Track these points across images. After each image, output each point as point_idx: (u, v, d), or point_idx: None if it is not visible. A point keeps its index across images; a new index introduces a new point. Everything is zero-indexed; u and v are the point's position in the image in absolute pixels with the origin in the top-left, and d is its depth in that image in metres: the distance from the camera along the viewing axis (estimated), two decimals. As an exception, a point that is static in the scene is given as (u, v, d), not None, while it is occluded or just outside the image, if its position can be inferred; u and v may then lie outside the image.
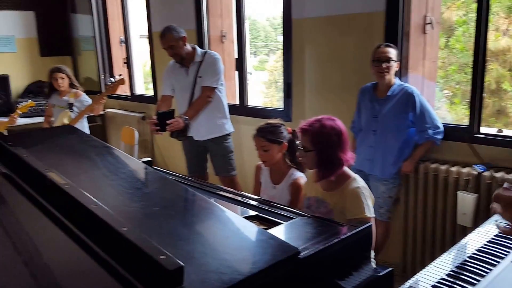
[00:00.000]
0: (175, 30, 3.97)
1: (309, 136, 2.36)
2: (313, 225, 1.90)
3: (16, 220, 1.85)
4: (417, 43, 3.54)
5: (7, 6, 6.61)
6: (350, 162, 2.40)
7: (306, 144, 2.38)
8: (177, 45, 3.97)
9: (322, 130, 2.33)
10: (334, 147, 2.33)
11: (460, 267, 1.78)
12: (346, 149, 2.37)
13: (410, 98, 3.20)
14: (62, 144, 2.55)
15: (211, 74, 4.02)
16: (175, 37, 3.95)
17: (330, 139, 2.32)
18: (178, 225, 1.63)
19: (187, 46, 4.05)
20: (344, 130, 2.37)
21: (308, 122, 2.38)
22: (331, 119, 2.37)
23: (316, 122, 2.36)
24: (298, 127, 2.44)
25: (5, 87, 6.50)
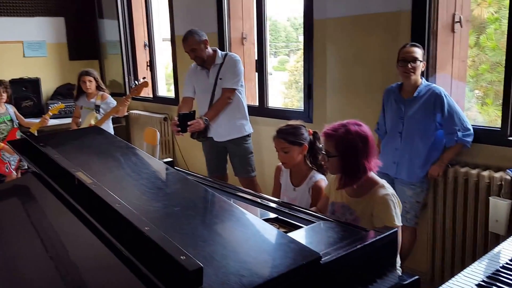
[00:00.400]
0: (197, 33, 3.97)
1: (333, 141, 2.26)
2: (335, 230, 1.84)
3: (45, 217, 1.89)
4: (445, 42, 3.40)
5: (39, 13, 6.76)
6: (373, 171, 2.30)
7: (330, 149, 2.28)
8: (199, 48, 3.96)
9: (347, 136, 2.22)
10: (358, 154, 2.23)
11: (492, 277, 1.66)
12: (372, 156, 2.27)
13: (438, 99, 3.06)
14: (89, 145, 2.59)
15: (231, 76, 4.00)
16: (197, 40, 3.95)
17: (355, 146, 2.22)
18: (199, 225, 1.62)
19: (209, 49, 4.05)
20: (370, 136, 2.26)
21: (332, 127, 2.29)
22: (357, 124, 2.26)
23: (341, 127, 2.25)
24: (322, 131, 2.34)
25: (36, 89, 6.64)
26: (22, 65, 6.69)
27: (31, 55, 6.79)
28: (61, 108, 5.50)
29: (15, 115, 5.37)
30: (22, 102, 6.44)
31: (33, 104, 6.55)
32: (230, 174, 4.37)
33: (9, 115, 5.25)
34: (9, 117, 5.25)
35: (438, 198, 3.31)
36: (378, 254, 1.70)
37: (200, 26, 5.02)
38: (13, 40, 6.62)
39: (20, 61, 6.70)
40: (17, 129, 5.25)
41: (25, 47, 6.73)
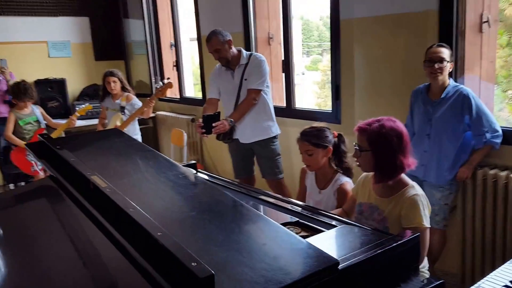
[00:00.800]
0: (221, 33, 3.96)
1: (366, 135, 2.25)
2: (357, 234, 1.83)
3: (59, 220, 1.89)
4: (473, 42, 3.35)
5: (63, 13, 6.84)
6: (411, 167, 2.29)
7: (362, 143, 2.27)
8: (223, 48, 3.96)
9: (381, 130, 2.21)
10: (393, 150, 2.21)
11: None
12: (407, 153, 2.25)
13: (466, 100, 3.03)
14: (107, 147, 2.59)
15: (257, 77, 3.99)
16: (221, 40, 3.94)
17: (389, 141, 2.20)
18: (214, 230, 1.61)
19: (233, 49, 4.04)
20: (405, 132, 2.26)
21: (366, 122, 2.28)
22: (392, 120, 2.26)
23: (375, 122, 2.25)
24: (356, 126, 2.33)
25: (62, 90, 6.77)
26: (47, 65, 6.76)
27: (56, 55, 6.88)
28: (89, 110, 5.57)
29: (42, 116, 5.43)
30: (48, 103, 6.56)
31: (59, 104, 6.68)
32: (257, 176, 4.37)
33: (35, 116, 5.32)
34: (35, 118, 5.31)
35: (467, 200, 3.28)
36: (400, 259, 1.69)
37: (225, 26, 5.03)
38: (38, 40, 6.69)
39: (45, 61, 6.77)
40: (43, 130, 5.29)
41: (50, 47, 6.82)
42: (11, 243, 1.75)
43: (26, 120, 5.24)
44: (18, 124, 5.21)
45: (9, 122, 5.19)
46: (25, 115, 5.25)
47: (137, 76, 7.39)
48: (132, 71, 7.46)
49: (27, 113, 5.27)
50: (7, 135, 5.20)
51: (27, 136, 5.23)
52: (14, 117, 5.20)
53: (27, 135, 5.23)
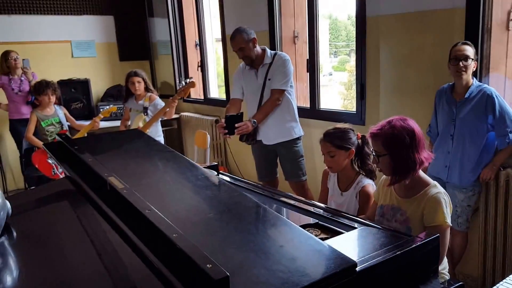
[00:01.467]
0: (245, 32, 3.98)
1: (381, 140, 2.29)
2: (376, 236, 1.86)
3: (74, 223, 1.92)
4: (500, 40, 3.33)
5: (87, 11, 6.90)
6: (427, 162, 2.32)
7: (378, 149, 2.32)
8: (247, 47, 3.98)
9: (393, 132, 2.25)
10: (407, 148, 2.25)
11: None
12: (421, 149, 2.29)
13: (489, 100, 3.02)
14: (127, 149, 2.64)
15: (281, 76, 3.99)
16: (245, 39, 3.96)
17: (402, 141, 2.24)
18: (232, 232, 1.65)
19: (257, 48, 4.05)
20: (416, 129, 2.28)
21: (378, 126, 2.32)
22: (401, 119, 2.29)
23: (386, 125, 2.29)
24: (368, 132, 2.38)
25: (86, 90, 6.78)
26: (71, 65, 6.80)
27: (80, 55, 6.91)
28: (113, 111, 5.56)
29: (66, 117, 5.43)
30: (72, 104, 6.61)
31: (83, 105, 6.72)
32: (280, 179, 4.38)
33: (58, 117, 5.31)
34: (58, 119, 5.31)
35: (490, 201, 3.28)
36: (420, 260, 1.72)
37: (251, 25, 5.04)
38: (61, 39, 6.73)
39: (68, 61, 6.81)
40: (66, 131, 5.31)
41: (74, 47, 6.86)
42: (26, 245, 1.77)
43: (48, 121, 5.23)
44: (40, 125, 5.21)
45: (31, 122, 5.19)
46: (48, 116, 5.25)
47: (162, 77, 7.42)
48: (156, 72, 7.48)
49: (50, 113, 5.27)
50: (28, 136, 5.19)
51: (50, 138, 5.23)
52: (35, 118, 5.19)
53: (49, 136, 5.23)
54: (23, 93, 5.77)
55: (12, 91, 5.76)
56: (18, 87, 5.78)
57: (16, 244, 1.77)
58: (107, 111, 5.41)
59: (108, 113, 5.42)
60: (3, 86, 5.79)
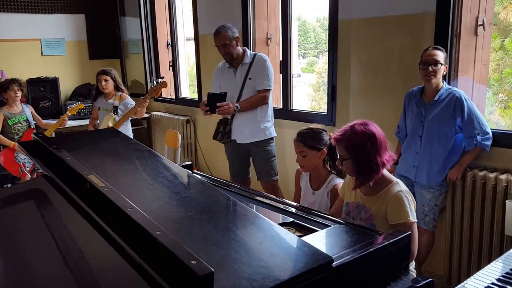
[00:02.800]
0: (230, 29, 4.06)
1: (343, 145, 2.38)
2: (349, 233, 1.91)
3: (54, 221, 1.93)
4: (468, 45, 3.45)
5: (58, 10, 6.82)
6: (388, 164, 2.39)
7: (342, 153, 2.41)
8: (230, 44, 4.04)
9: (354, 137, 2.33)
10: (368, 152, 2.33)
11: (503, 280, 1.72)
12: (383, 151, 2.37)
13: (458, 103, 3.13)
14: (104, 147, 2.63)
15: (265, 77, 4.07)
16: (229, 36, 4.02)
17: (362, 145, 2.33)
18: (212, 230, 1.66)
19: (238, 47, 4.11)
20: (377, 133, 2.36)
21: (341, 131, 2.41)
22: (363, 124, 2.37)
23: (348, 130, 2.37)
24: (333, 137, 2.47)
25: (54, 89, 6.68)
26: (40, 64, 6.70)
27: (50, 53, 6.81)
28: (80, 109, 5.52)
29: (32, 115, 5.36)
30: (40, 103, 6.50)
31: (51, 104, 6.61)
32: (253, 179, 4.43)
33: (25, 115, 5.25)
34: (25, 117, 5.25)
35: (456, 201, 3.39)
36: (392, 257, 1.77)
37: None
38: (31, 38, 6.62)
39: (38, 59, 6.70)
40: (33, 130, 5.25)
41: (43, 45, 6.75)
42: (2, 244, 1.78)
43: (15, 119, 5.16)
44: (7, 123, 5.14)
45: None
46: (14, 114, 5.18)
47: (133, 76, 7.34)
48: (127, 70, 7.40)
49: (17, 112, 5.20)
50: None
51: (16, 136, 5.16)
52: (2, 116, 5.12)
53: (16, 135, 5.17)
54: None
55: None
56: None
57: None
58: (74, 109, 5.38)
59: (75, 110, 5.40)
60: None
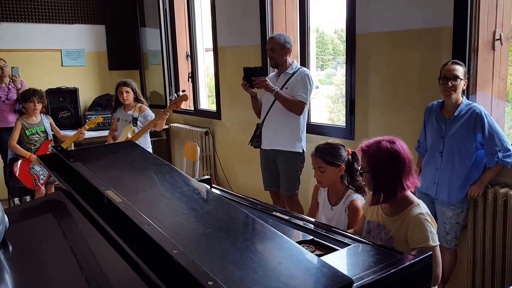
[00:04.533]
0: (283, 38, 4.13)
1: (366, 157, 2.33)
2: (370, 253, 1.87)
3: (72, 236, 1.94)
4: (486, 59, 3.41)
5: (79, 20, 6.91)
6: (410, 189, 2.32)
7: (363, 164, 2.37)
8: (278, 51, 4.10)
9: (378, 153, 2.28)
10: (389, 171, 2.27)
11: None
12: (406, 174, 2.28)
13: (478, 119, 3.08)
14: (121, 161, 2.63)
15: (302, 89, 4.05)
16: (280, 43, 4.09)
17: (385, 163, 2.26)
18: (231, 248, 1.63)
19: (288, 58, 4.16)
20: (403, 154, 2.28)
21: (368, 143, 2.35)
22: (391, 141, 2.30)
23: (375, 144, 2.31)
24: (358, 147, 2.41)
25: (74, 100, 6.73)
26: (60, 74, 6.76)
27: (70, 64, 6.89)
28: (99, 122, 5.52)
29: (51, 126, 5.32)
30: (59, 113, 6.57)
31: (70, 115, 6.66)
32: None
33: (43, 126, 5.19)
34: (43, 128, 5.18)
35: (478, 218, 3.31)
36: (413, 278, 1.74)
37: (243, 39, 5.08)
38: (52, 48, 6.71)
39: (58, 70, 6.77)
40: (51, 141, 5.22)
41: (64, 56, 6.83)
42: (21, 259, 1.77)
43: (33, 129, 5.10)
44: (24, 133, 5.07)
45: (15, 130, 5.06)
46: (33, 124, 5.12)
47: (152, 87, 7.37)
48: (146, 82, 7.44)
49: (35, 122, 5.15)
50: (11, 145, 5.05)
51: (33, 147, 5.11)
52: (20, 126, 5.07)
53: (33, 146, 5.11)
54: (10, 101, 5.73)
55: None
56: (5, 95, 5.74)
57: (12, 257, 1.77)
58: (93, 122, 5.38)
59: (93, 124, 5.39)
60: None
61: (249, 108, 5.10)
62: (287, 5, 5.06)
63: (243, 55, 5.46)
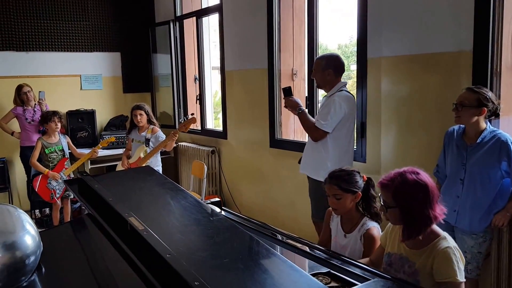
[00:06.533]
0: (326, 61, 3.67)
1: (391, 192, 2.08)
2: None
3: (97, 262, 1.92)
4: (510, 84, 3.10)
5: (97, 48, 6.99)
6: (440, 218, 2.09)
7: (388, 200, 2.10)
8: (318, 72, 3.68)
9: (404, 186, 2.05)
10: (419, 204, 2.04)
11: None
12: (434, 204, 2.07)
13: (504, 147, 2.75)
14: (140, 186, 2.57)
15: (324, 115, 3.57)
16: (321, 65, 3.65)
17: (414, 196, 2.04)
18: (248, 281, 1.53)
19: (332, 78, 3.64)
20: (430, 184, 2.07)
21: (389, 176, 2.11)
22: (415, 173, 2.08)
23: (398, 176, 2.07)
24: (379, 181, 2.16)
25: (91, 120, 6.80)
26: (79, 97, 6.87)
27: (88, 88, 6.99)
28: (111, 141, 5.56)
29: (68, 145, 5.38)
30: (78, 133, 6.64)
31: (88, 134, 6.72)
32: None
33: (61, 145, 5.26)
34: (61, 147, 5.26)
35: (503, 248, 2.95)
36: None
37: (250, 61, 4.96)
38: (72, 74, 6.83)
39: (77, 93, 6.88)
40: (67, 159, 5.29)
41: (83, 81, 6.92)
42: (56, 282, 1.76)
43: (51, 148, 5.19)
44: (44, 152, 5.17)
45: (36, 149, 5.17)
46: (52, 143, 5.21)
47: (162, 107, 7.38)
48: (157, 103, 7.47)
49: (54, 141, 5.23)
50: (32, 162, 5.16)
51: (51, 164, 5.19)
52: (40, 145, 5.17)
53: (51, 163, 5.19)
54: (35, 122, 5.81)
55: (25, 120, 5.83)
56: (31, 117, 5.84)
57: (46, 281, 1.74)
58: (106, 142, 5.46)
59: (106, 143, 5.46)
60: (17, 116, 5.87)
61: (254, 128, 5.01)
62: (294, 30, 4.91)
63: (249, 78, 5.36)
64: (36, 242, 1.69)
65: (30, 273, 1.66)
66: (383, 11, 3.68)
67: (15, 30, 6.34)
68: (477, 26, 3.06)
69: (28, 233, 1.68)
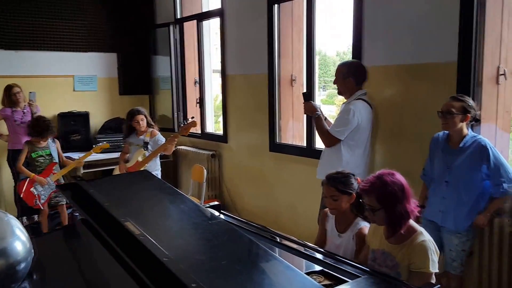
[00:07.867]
0: (348, 68, 3.86)
1: (374, 195, 2.39)
2: (380, 286, 1.87)
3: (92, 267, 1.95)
4: (490, 93, 3.45)
5: (92, 48, 7.01)
6: (415, 212, 2.42)
7: (372, 203, 2.41)
8: (339, 78, 3.86)
9: (386, 188, 2.36)
10: (400, 201, 2.36)
11: None
12: (410, 200, 2.40)
13: (483, 151, 3.10)
14: (137, 191, 2.65)
15: (337, 121, 3.81)
16: (342, 72, 3.84)
17: (395, 195, 2.36)
18: (247, 282, 1.64)
19: (353, 85, 3.82)
20: (404, 182, 2.40)
21: (368, 182, 2.42)
22: (390, 174, 2.41)
23: (377, 180, 2.39)
24: (359, 188, 2.49)
25: (85, 123, 6.81)
26: (72, 99, 6.85)
27: (81, 89, 6.98)
28: (105, 148, 5.58)
29: (57, 150, 5.34)
30: (70, 136, 6.62)
31: (81, 138, 6.71)
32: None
33: (49, 150, 5.21)
34: (48, 152, 5.20)
35: (484, 246, 3.33)
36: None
37: (251, 67, 5.10)
38: (65, 74, 6.82)
39: (70, 94, 6.87)
40: (55, 164, 5.25)
41: (76, 81, 6.92)
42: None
43: (38, 152, 5.15)
44: (30, 156, 5.15)
45: (22, 153, 5.15)
46: (39, 148, 5.17)
47: (161, 111, 7.41)
48: (156, 105, 7.50)
49: (41, 146, 5.18)
50: (18, 166, 5.14)
51: (38, 169, 5.16)
52: (27, 149, 5.14)
53: (38, 168, 5.16)
54: (25, 124, 5.70)
55: (14, 122, 5.82)
56: (20, 119, 5.83)
57: None
58: (99, 148, 5.48)
59: (99, 150, 5.49)
60: (6, 117, 5.85)
61: (254, 133, 5.13)
62: (293, 37, 5.11)
63: (250, 83, 5.54)
64: (27, 248, 1.70)
65: (21, 280, 1.69)
66: (378, 23, 3.99)
67: (2, 27, 6.23)
68: (462, 38, 3.40)
69: (19, 239, 1.69)
